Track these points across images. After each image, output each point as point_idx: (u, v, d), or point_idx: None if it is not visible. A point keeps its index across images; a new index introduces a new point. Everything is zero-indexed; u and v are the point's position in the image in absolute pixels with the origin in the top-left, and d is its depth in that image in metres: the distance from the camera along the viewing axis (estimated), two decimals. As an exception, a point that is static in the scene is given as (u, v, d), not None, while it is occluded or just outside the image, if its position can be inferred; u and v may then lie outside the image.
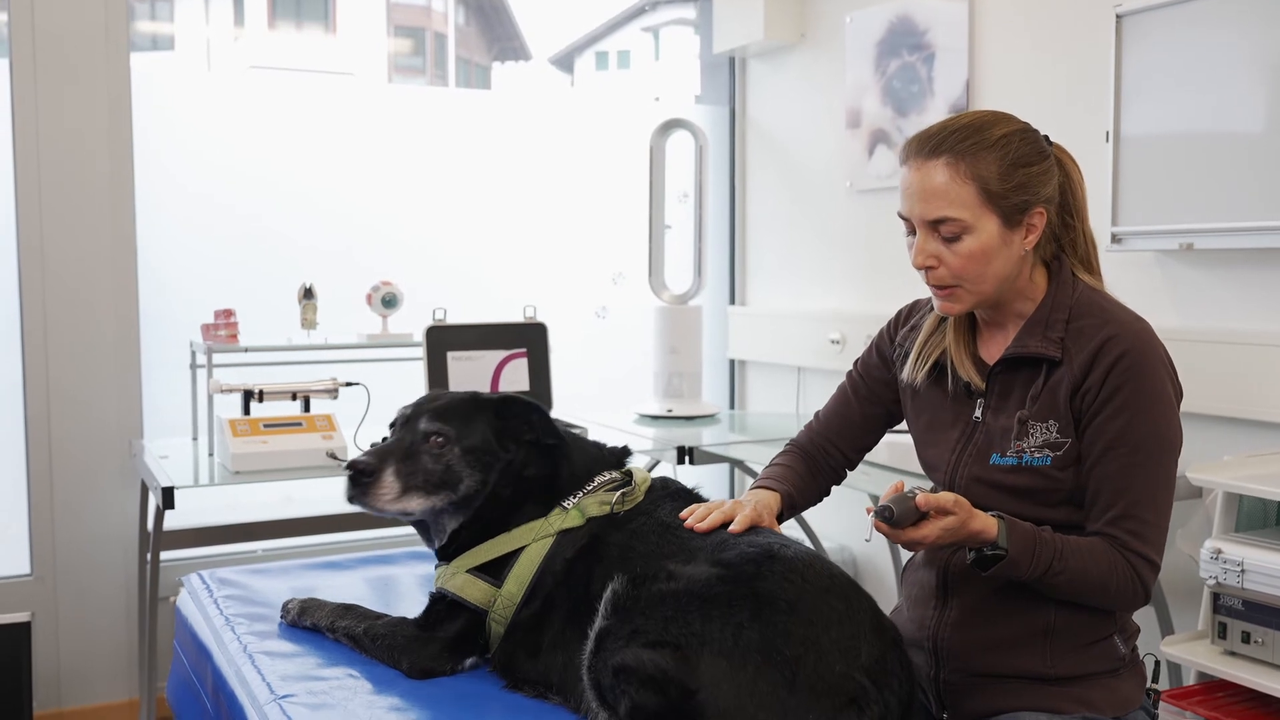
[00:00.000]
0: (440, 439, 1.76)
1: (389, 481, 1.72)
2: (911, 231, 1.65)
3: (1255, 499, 2.27)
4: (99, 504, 3.39)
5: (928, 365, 1.75)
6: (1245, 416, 2.50)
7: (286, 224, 3.68)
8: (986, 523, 1.51)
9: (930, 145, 1.61)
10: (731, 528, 1.63)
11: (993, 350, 1.71)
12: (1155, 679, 1.73)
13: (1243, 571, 2.11)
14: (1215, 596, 2.18)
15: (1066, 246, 1.71)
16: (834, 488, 1.98)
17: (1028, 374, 1.65)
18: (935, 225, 1.60)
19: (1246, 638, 2.12)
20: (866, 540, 1.52)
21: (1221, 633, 2.17)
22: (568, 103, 4.42)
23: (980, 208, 1.58)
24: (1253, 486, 2.16)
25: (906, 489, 1.51)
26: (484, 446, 1.77)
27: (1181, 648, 2.24)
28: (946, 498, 1.48)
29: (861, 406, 1.90)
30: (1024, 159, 1.61)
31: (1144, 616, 2.54)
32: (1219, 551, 2.15)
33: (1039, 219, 1.63)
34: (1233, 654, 2.16)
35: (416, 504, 1.75)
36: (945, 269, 1.61)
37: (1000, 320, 1.71)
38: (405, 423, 1.81)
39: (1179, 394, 1.63)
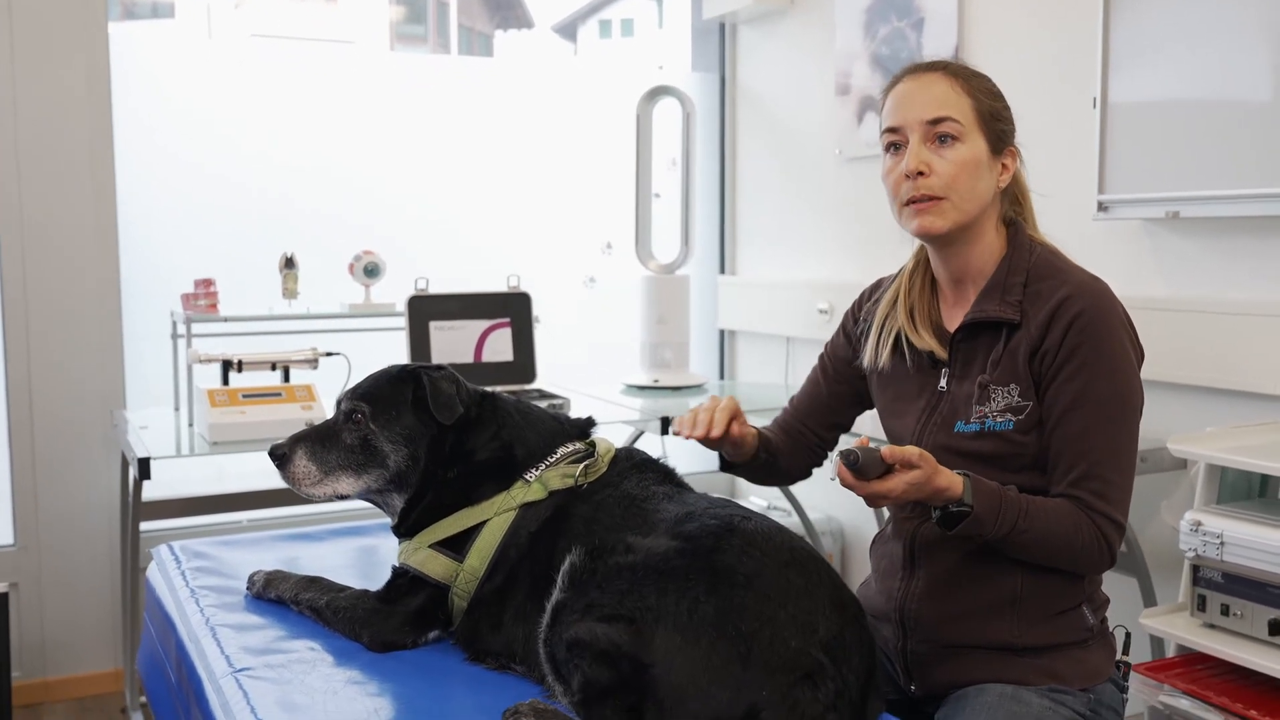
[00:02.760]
0: (359, 415, 1.74)
1: (303, 465, 1.72)
2: (894, 152, 1.65)
3: (1238, 471, 2.25)
4: (82, 475, 3.39)
5: (889, 346, 1.74)
6: (1230, 387, 2.47)
7: (274, 193, 3.66)
8: (952, 480, 1.50)
9: (926, 63, 1.67)
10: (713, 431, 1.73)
11: (955, 317, 1.69)
12: (1126, 650, 1.71)
13: (1222, 544, 2.08)
14: (1195, 569, 2.16)
15: (1011, 205, 1.72)
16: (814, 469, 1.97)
17: (988, 339, 1.63)
18: (933, 126, 1.61)
19: (1225, 610, 2.10)
20: (831, 479, 1.50)
21: (1201, 605, 2.15)
22: (570, 71, 4.38)
23: (973, 123, 1.62)
24: (1235, 458, 2.13)
25: (871, 444, 1.49)
26: (404, 419, 1.73)
27: (1161, 620, 2.22)
28: (912, 451, 1.46)
29: (830, 388, 1.91)
30: (1001, 95, 1.68)
31: (1125, 588, 2.53)
32: (1198, 524, 2.13)
33: (1012, 159, 1.68)
34: (1212, 626, 2.14)
35: (347, 485, 1.73)
36: (936, 177, 1.61)
37: (962, 278, 1.69)
38: (336, 407, 1.79)
39: (1139, 354, 1.62)
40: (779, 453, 1.88)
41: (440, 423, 1.74)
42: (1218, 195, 2.43)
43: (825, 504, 3.78)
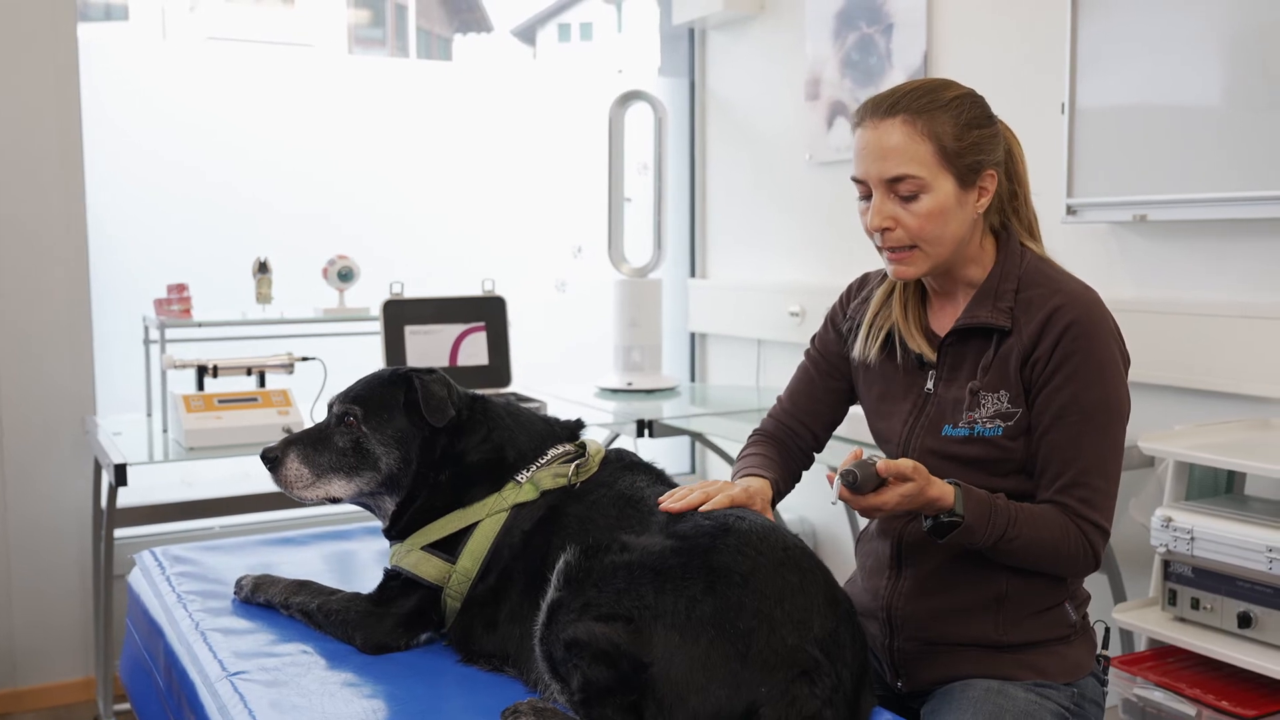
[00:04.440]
0: (351, 418, 1.76)
1: (295, 468, 1.74)
2: (865, 196, 1.65)
3: (1206, 468, 2.30)
4: (52, 481, 3.35)
5: (879, 341, 1.75)
6: (1197, 386, 2.53)
7: (243, 197, 3.64)
8: (943, 490, 1.52)
9: (886, 105, 1.61)
10: (705, 506, 1.58)
11: (943, 322, 1.71)
12: (1105, 645, 1.75)
13: (1192, 539, 2.14)
14: (1166, 564, 2.21)
15: (1011, 214, 1.72)
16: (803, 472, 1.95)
17: (978, 344, 1.65)
18: (893, 184, 1.60)
19: (1196, 604, 2.15)
20: (833, 504, 1.52)
21: (1172, 599, 2.20)
22: (530, 75, 4.39)
23: (937, 166, 1.59)
24: (1203, 456, 2.19)
25: (865, 456, 1.51)
26: (396, 422, 1.75)
27: (1133, 614, 2.27)
28: (905, 464, 1.49)
29: (824, 382, 1.88)
30: (975, 120, 1.63)
31: (1097, 584, 2.58)
32: (1169, 520, 2.18)
33: (991, 181, 1.65)
34: (1182, 620, 2.19)
35: (339, 488, 1.75)
36: (903, 230, 1.61)
37: (950, 290, 1.71)
38: (328, 410, 1.81)
39: (1126, 361, 1.65)
40: (781, 484, 1.82)
41: (432, 425, 1.75)
42: (1184, 199, 2.49)
43: (798, 505, 3.82)
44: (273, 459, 1.74)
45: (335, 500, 1.77)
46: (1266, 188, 2.34)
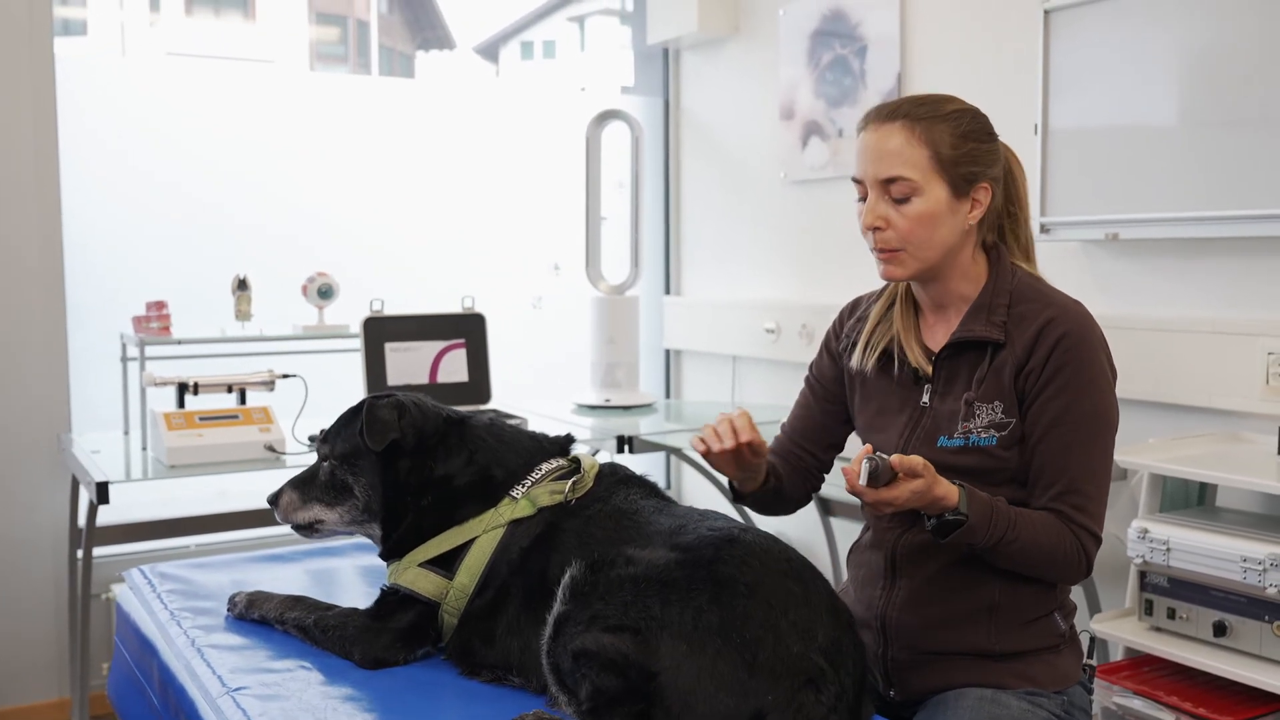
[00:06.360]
0: (325, 453, 1.87)
1: (288, 497, 1.88)
2: (863, 197, 1.70)
3: (1178, 480, 2.36)
4: (25, 500, 3.31)
5: (876, 352, 1.78)
6: (1168, 401, 2.59)
7: (215, 214, 3.63)
8: (949, 489, 1.56)
9: (888, 110, 1.68)
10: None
11: (937, 337, 1.75)
12: (1090, 654, 1.79)
13: (1168, 550, 2.19)
14: (1142, 574, 2.26)
15: (1009, 234, 1.78)
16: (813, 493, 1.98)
17: (972, 357, 1.70)
18: (887, 185, 1.65)
19: (1172, 614, 2.21)
20: (851, 490, 1.55)
21: (1148, 609, 2.25)
22: (493, 92, 4.41)
23: (930, 172, 1.64)
24: (1176, 468, 2.25)
25: (874, 453, 1.54)
26: (359, 451, 1.81)
27: (1110, 624, 2.32)
28: (917, 460, 1.52)
29: (821, 406, 1.91)
30: (974, 134, 1.69)
31: (1074, 595, 2.63)
32: (1145, 531, 2.23)
33: (984, 194, 1.69)
34: (1159, 629, 2.25)
35: (319, 513, 1.86)
36: (893, 231, 1.66)
37: (943, 304, 1.75)
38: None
39: (1114, 373, 1.70)
40: (783, 479, 1.88)
41: (396, 448, 1.79)
42: (1154, 218, 2.55)
43: (778, 519, 3.84)
44: (275, 497, 1.90)
45: (320, 523, 1.87)
46: (1233, 207, 2.41)
